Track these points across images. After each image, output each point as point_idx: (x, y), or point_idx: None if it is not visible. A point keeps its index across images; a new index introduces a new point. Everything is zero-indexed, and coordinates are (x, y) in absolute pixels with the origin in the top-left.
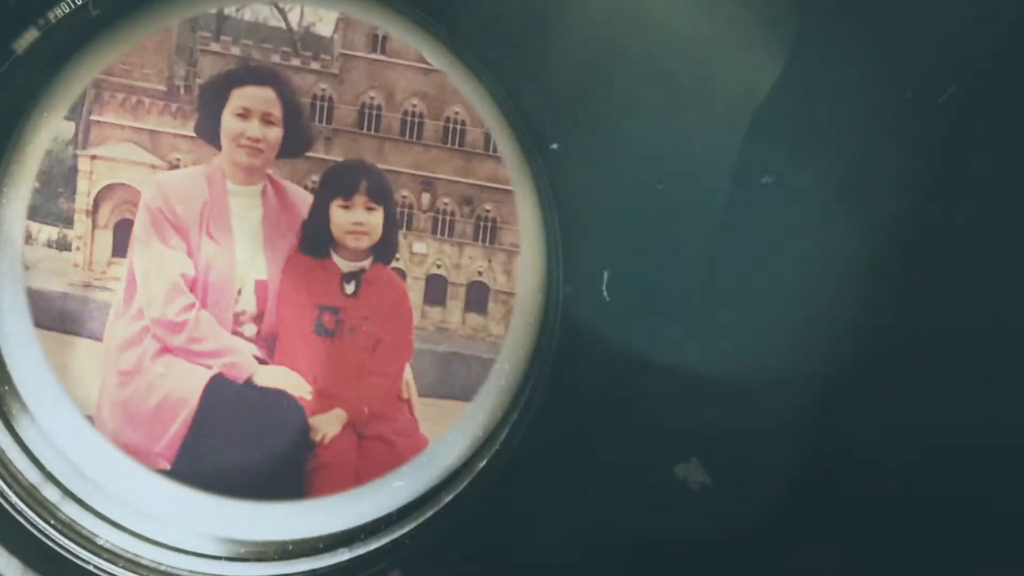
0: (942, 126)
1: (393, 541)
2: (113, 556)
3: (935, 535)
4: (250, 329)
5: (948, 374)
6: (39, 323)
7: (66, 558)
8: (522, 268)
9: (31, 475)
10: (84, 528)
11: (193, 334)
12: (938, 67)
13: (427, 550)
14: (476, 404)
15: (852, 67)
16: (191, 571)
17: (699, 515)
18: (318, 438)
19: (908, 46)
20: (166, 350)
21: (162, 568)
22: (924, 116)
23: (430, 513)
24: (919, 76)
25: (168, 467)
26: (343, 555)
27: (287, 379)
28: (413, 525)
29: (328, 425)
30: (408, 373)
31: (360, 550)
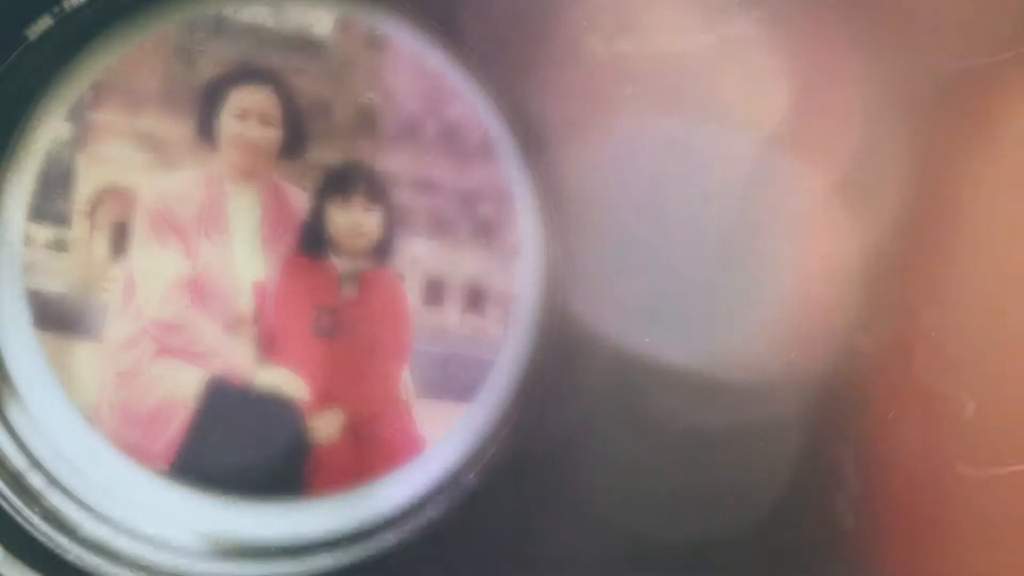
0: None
1: (382, 546)
2: (95, 547)
3: (935, 534)
4: (248, 330)
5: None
6: (38, 325)
7: (47, 546)
8: (522, 269)
9: (18, 462)
10: (67, 518)
11: (191, 335)
12: (938, 63)
13: (423, 552)
14: (476, 405)
15: (853, 65)
16: (172, 566)
17: (699, 515)
18: (317, 439)
19: (909, 43)
20: (164, 351)
21: (142, 562)
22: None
23: (427, 516)
24: (919, 73)
25: (166, 467)
26: (326, 559)
27: (286, 380)
28: (410, 527)
29: (326, 426)
30: (406, 375)
31: (347, 553)
